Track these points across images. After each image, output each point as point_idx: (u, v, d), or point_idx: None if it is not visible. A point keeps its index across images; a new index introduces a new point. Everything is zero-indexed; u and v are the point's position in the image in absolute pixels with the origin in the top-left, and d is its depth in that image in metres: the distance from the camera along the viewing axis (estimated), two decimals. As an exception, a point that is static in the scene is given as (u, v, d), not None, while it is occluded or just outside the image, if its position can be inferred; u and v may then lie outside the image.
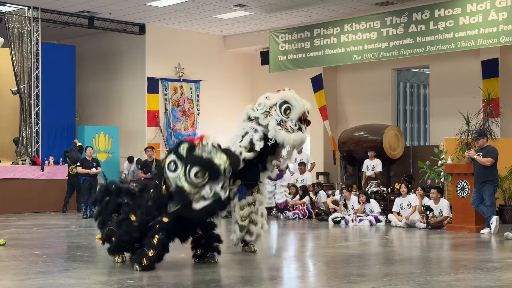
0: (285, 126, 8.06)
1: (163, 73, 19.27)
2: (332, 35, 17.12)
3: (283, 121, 8.07)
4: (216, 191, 7.03)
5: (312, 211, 14.66)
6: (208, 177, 6.99)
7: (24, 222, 13.55)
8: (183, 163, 7.02)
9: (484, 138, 11.24)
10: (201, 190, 7.00)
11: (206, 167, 7.00)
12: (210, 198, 7.01)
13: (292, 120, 8.05)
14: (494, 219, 10.83)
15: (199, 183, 6.98)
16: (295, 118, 8.06)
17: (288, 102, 8.08)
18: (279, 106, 8.10)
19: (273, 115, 8.12)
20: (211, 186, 7.02)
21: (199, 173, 6.95)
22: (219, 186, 7.06)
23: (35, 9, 17.00)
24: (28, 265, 7.65)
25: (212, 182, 7.02)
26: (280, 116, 8.08)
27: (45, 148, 17.24)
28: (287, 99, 8.11)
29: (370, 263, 8.08)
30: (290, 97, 8.14)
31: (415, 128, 19.65)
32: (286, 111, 8.08)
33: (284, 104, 8.09)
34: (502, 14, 14.24)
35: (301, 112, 8.08)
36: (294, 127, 8.05)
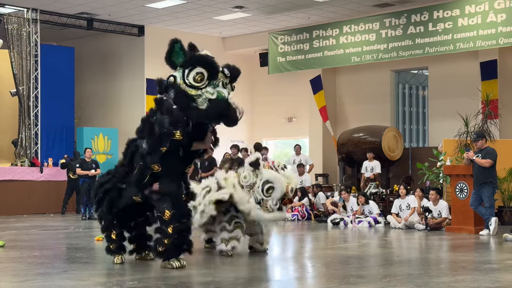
0: (265, 205, 8.33)
1: (162, 74, 19.11)
2: (331, 37, 17.14)
3: (264, 200, 8.32)
4: (219, 90, 6.89)
5: (311, 213, 14.67)
6: (208, 77, 6.84)
7: (23, 224, 13.54)
8: (181, 69, 6.90)
9: (483, 139, 11.25)
10: (204, 92, 6.85)
11: (204, 65, 6.86)
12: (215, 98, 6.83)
13: (274, 199, 8.32)
14: (493, 220, 10.84)
15: (200, 85, 6.84)
16: (277, 198, 8.34)
17: (271, 182, 8.30)
18: (261, 184, 8.33)
19: (255, 192, 8.35)
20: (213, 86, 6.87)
21: (197, 76, 6.83)
22: (220, 86, 6.91)
23: (34, 10, 17.01)
24: (27, 267, 7.65)
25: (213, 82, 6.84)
26: (262, 195, 8.33)
27: (44, 150, 17.24)
28: (270, 179, 8.32)
29: (369, 264, 8.08)
30: (274, 178, 8.34)
31: (414, 129, 19.66)
32: (268, 190, 8.32)
33: (267, 184, 8.32)
34: (501, 16, 14.26)
35: (283, 192, 8.35)
36: (274, 207, 8.34)
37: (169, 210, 7.01)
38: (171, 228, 7.02)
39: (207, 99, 6.82)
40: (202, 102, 6.82)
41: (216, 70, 6.90)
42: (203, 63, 6.88)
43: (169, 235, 7.01)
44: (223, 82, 6.94)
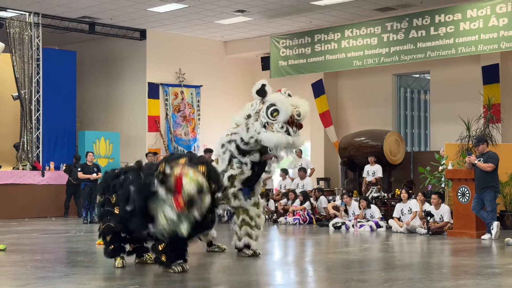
0: (271, 128, 8.06)
1: (163, 78, 19.29)
2: (332, 41, 17.14)
3: (269, 123, 8.07)
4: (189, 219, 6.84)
5: (313, 217, 14.65)
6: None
7: (25, 228, 13.54)
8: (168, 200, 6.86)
9: (484, 144, 11.23)
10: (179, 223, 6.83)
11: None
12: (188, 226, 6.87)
13: (279, 122, 8.03)
14: (495, 224, 10.82)
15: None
16: (282, 120, 8.03)
17: (275, 105, 8.06)
18: (266, 108, 8.11)
19: (260, 116, 8.14)
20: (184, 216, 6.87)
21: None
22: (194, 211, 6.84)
23: (36, 14, 17.04)
24: (28, 271, 7.65)
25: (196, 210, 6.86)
26: (266, 119, 8.09)
27: (45, 154, 17.25)
28: (274, 101, 8.10)
29: (371, 268, 8.07)
30: (278, 99, 8.12)
31: (415, 133, 19.65)
32: (273, 113, 8.07)
33: (271, 107, 8.07)
34: (503, 20, 14.25)
35: (288, 115, 8.04)
36: (280, 129, 8.02)
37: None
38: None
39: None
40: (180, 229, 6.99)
41: None
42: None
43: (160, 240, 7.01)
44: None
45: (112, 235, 7.55)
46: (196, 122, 19.72)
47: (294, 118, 8.08)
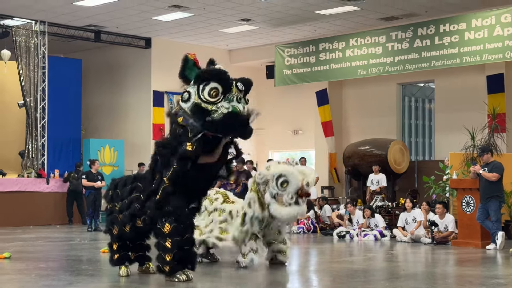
0: (281, 200, 8.16)
1: (168, 86, 19.33)
2: (337, 50, 17.17)
3: (279, 195, 8.17)
4: (233, 105, 6.87)
5: (317, 225, 14.63)
6: (222, 92, 6.83)
7: (29, 235, 13.56)
8: (195, 85, 6.89)
9: (489, 153, 11.21)
10: (219, 107, 6.83)
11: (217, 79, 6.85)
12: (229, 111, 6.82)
13: (289, 193, 8.13)
14: (500, 234, 10.78)
15: (216, 100, 6.83)
16: (292, 192, 8.14)
17: (285, 176, 8.16)
18: (275, 179, 8.20)
19: (270, 187, 8.23)
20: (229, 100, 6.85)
21: (212, 91, 6.81)
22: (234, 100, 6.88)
23: (42, 23, 17.12)
24: (33, 279, 7.65)
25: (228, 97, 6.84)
26: (276, 190, 8.18)
27: (50, 161, 17.29)
28: (284, 172, 8.19)
29: (375, 278, 8.05)
30: (286, 171, 8.21)
31: (420, 142, 19.63)
32: (283, 184, 8.16)
33: (280, 178, 8.17)
34: (508, 30, 14.26)
35: (298, 186, 8.16)
36: (290, 201, 8.12)
37: (170, 224, 6.99)
38: (169, 242, 6.91)
39: (222, 114, 6.83)
40: (218, 116, 6.84)
41: (230, 85, 6.91)
42: (217, 78, 6.89)
43: (167, 250, 6.91)
44: (237, 96, 6.95)
45: (119, 244, 7.55)
46: (201, 130, 19.71)
47: (303, 189, 8.22)
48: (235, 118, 6.83)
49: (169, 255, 6.91)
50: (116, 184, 7.81)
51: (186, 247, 7.02)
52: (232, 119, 6.82)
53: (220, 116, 6.78)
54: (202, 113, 6.80)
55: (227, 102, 6.84)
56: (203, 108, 6.81)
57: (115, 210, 7.60)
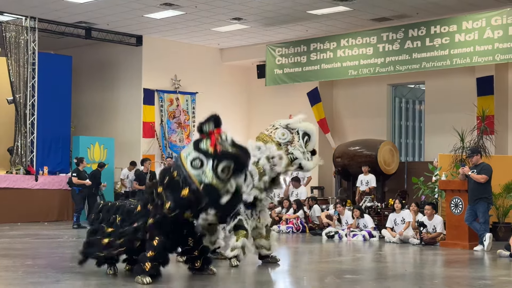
0: (305, 157, 8.70)
1: (159, 84, 19.30)
2: (328, 50, 17.19)
3: (304, 153, 8.69)
4: (238, 184, 7.11)
5: (306, 225, 14.64)
6: (234, 171, 7.02)
7: (17, 232, 13.50)
8: (210, 158, 6.98)
9: (478, 155, 11.26)
10: (227, 184, 7.03)
11: (232, 160, 7.02)
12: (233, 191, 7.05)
13: (308, 151, 8.73)
14: (488, 236, 10.84)
15: (225, 177, 6.98)
16: (311, 149, 8.77)
17: (309, 134, 8.72)
18: (302, 137, 8.70)
19: (296, 146, 8.65)
20: (235, 179, 7.08)
21: (225, 168, 6.96)
22: (241, 179, 7.19)
23: (32, 19, 17.03)
24: (20, 276, 7.62)
25: (237, 176, 7.07)
26: (303, 148, 8.68)
27: (39, 158, 17.20)
28: (309, 131, 8.74)
29: (363, 278, 8.06)
30: (311, 129, 8.78)
31: (410, 143, 19.69)
32: (307, 142, 8.71)
33: (305, 136, 8.71)
34: (498, 32, 14.32)
35: (315, 144, 8.81)
36: (310, 157, 8.75)
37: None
38: (156, 241, 7.02)
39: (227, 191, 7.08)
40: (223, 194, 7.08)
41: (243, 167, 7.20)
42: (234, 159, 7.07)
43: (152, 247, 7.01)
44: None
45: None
46: (191, 129, 19.71)
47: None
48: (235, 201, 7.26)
49: (152, 252, 6.96)
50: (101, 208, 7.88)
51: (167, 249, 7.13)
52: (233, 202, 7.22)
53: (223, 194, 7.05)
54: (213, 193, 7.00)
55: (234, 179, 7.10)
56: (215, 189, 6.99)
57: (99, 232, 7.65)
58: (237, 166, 7.04)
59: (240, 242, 8.44)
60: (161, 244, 7.01)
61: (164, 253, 7.12)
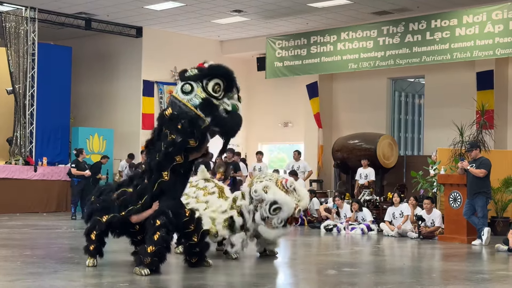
0: (269, 223, 8.39)
1: (159, 76, 19.27)
2: (328, 43, 17.16)
3: (269, 218, 8.37)
4: (233, 103, 7.01)
5: (305, 218, 14.66)
6: (224, 89, 6.94)
7: (16, 223, 13.51)
8: (198, 80, 6.94)
9: (477, 149, 11.27)
10: (221, 103, 6.95)
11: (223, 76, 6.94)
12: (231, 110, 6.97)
13: (279, 218, 8.37)
14: (486, 230, 10.85)
15: (218, 96, 6.92)
16: (283, 218, 8.39)
17: (279, 204, 8.32)
18: (269, 205, 8.35)
19: (262, 208, 8.37)
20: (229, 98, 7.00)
21: (215, 86, 6.90)
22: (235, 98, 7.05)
23: (32, 9, 16.99)
24: (18, 266, 7.64)
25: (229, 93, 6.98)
26: (267, 214, 8.36)
27: (38, 149, 17.20)
28: (279, 201, 8.34)
29: (361, 271, 8.08)
30: (282, 200, 8.36)
31: (409, 137, 19.68)
32: (275, 210, 8.34)
33: (274, 205, 8.34)
34: (498, 27, 14.30)
35: (289, 215, 8.41)
36: (279, 224, 8.38)
37: (161, 220, 7.06)
38: (157, 235, 7.02)
39: (224, 110, 6.90)
40: (221, 112, 6.94)
41: (233, 83, 7.05)
42: (223, 74, 6.94)
43: (153, 242, 7.01)
44: (237, 96, 7.12)
45: (97, 234, 7.52)
46: (190, 121, 19.68)
47: (294, 216, 8.49)
48: (238, 119, 7.01)
49: (152, 247, 6.98)
50: (102, 191, 7.87)
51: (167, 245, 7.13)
52: (236, 120, 7.00)
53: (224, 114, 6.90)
54: (210, 108, 6.88)
55: (227, 99, 6.92)
56: (211, 101, 6.83)
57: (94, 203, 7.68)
58: (228, 83, 6.95)
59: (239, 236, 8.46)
60: (162, 239, 7.03)
61: (164, 249, 7.12)
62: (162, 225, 7.05)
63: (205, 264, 7.67)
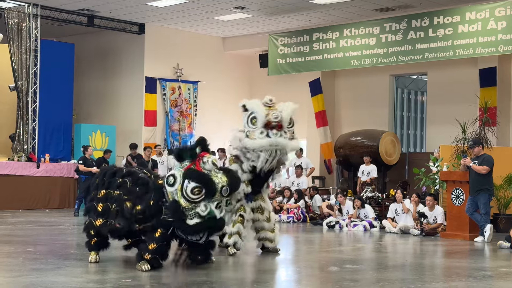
0: (252, 136, 8.23)
1: (161, 73, 19.27)
2: (331, 40, 17.14)
3: (250, 132, 8.26)
4: (211, 209, 6.98)
5: (307, 215, 14.67)
6: (205, 194, 6.95)
7: (18, 219, 13.53)
8: (182, 178, 6.99)
9: (480, 146, 11.25)
10: (196, 206, 6.96)
11: (203, 183, 6.96)
12: (205, 216, 6.97)
13: (258, 128, 8.21)
14: (488, 227, 10.84)
15: (195, 199, 6.94)
16: (260, 126, 8.22)
17: (253, 112, 8.25)
18: (246, 117, 8.29)
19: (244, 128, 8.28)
20: (207, 203, 6.98)
21: (195, 189, 6.92)
22: (214, 204, 7.01)
23: (35, 6, 16.99)
24: (21, 262, 7.65)
25: (208, 200, 6.98)
26: (247, 127, 8.27)
27: (41, 145, 17.22)
28: (250, 108, 8.28)
29: (363, 268, 8.08)
30: (253, 106, 8.29)
31: (411, 134, 19.70)
32: (252, 120, 8.27)
33: (250, 115, 8.28)
34: (501, 23, 14.28)
35: (263, 119, 8.23)
36: (260, 135, 8.20)
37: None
38: (158, 232, 7.06)
39: (197, 214, 6.93)
40: (192, 215, 6.94)
41: (214, 191, 7.02)
42: (204, 182, 6.97)
43: (154, 239, 7.05)
44: (218, 201, 7.05)
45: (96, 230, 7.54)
46: (193, 118, 19.72)
47: (271, 121, 8.25)
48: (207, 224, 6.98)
49: (153, 244, 7.02)
50: (105, 172, 7.82)
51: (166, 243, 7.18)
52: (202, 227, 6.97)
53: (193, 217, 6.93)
54: (177, 213, 6.94)
55: (204, 204, 6.94)
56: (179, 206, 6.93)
57: (95, 198, 7.65)
58: (208, 190, 6.96)
59: (236, 228, 8.46)
60: (163, 237, 7.05)
61: (165, 246, 7.15)
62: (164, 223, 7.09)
63: (208, 261, 7.67)
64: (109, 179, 7.65)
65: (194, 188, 6.91)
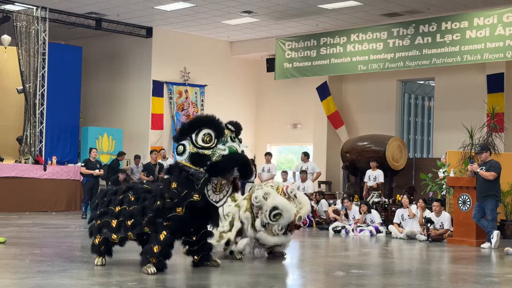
0: (270, 229, 8.46)
1: (168, 76, 19.31)
2: (338, 44, 17.13)
3: (269, 225, 8.43)
4: (229, 145, 7.03)
5: (313, 220, 14.65)
6: (216, 136, 6.98)
7: (25, 221, 13.57)
8: (188, 137, 7.02)
9: (487, 152, 11.22)
10: (216, 150, 6.98)
11: (210, 125, 6.98)
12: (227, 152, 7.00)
13: (280, 225, 8.44)
14: (495, 233, 10.80)
15: (211, 145, 6.96)
16: (283, 224, 8.45)
17: (279, 209, 8.37)
18: (269, 211, 8.38)
19: (262, 215, 8.42)
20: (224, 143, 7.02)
21: (205, 136, 6.94)
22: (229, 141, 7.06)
23: (43, 9, 17.07)
24: (27, 264, 7.67)
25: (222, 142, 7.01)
26: (268, 220, 8.41)
27: (48, 148, 17.28)
28: (279, 206, 8.38)
29: (369, 273, 8.06)
30: (282, 204, 8.39)
31: (418, 140, 19.63)
32: (275, 216, 8.39)
33: (274, 210, 8.38)
34: (509, 29, 14.24)
35: (290, 221, 8.46)
36: (279, 231, 8.48)
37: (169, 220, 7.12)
38: (163, 235, 7.07)
39: (220, 156, 6.96)
40: (217, 159, 6.99)
41: (221, 128, 7.06)
42: (208, 124, 7.02)
43: (158, 241, 7.05)
44: (231, 137, 7.13)
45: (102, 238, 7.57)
46: (200, 122, 19.70)
47: (294, 223, 8.52)
48: (235, 158, 7.01)
49: (158, 246, 7.02)
50: (105, 193, 7.89)
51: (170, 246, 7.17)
52: (232, 160, 6.99)
53: (219, 159, 6.93)
54: (201, 160, 6.94)
55: (222, 145, 6.97)
56: (201, 154, 6.92)
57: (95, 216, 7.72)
58: (217, 132, 6.99)
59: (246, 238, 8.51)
60: (168, 239, 7.06)
61: (169, 248, 7.16)
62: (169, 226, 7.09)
63: (214, 264, 7.68)
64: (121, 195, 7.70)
65: (204, 136, 6.94)
